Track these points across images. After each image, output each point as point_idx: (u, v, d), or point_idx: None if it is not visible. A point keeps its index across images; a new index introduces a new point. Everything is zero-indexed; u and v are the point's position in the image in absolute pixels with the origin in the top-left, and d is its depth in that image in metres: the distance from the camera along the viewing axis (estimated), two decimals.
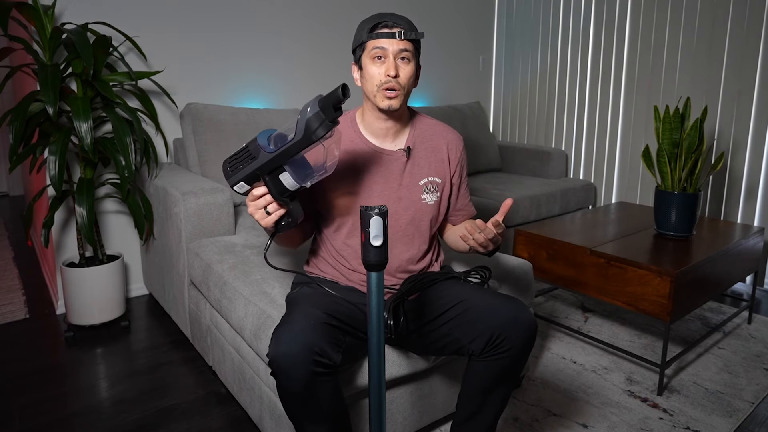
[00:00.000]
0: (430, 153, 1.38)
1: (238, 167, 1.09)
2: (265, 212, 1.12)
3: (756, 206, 2.79)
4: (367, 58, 1.26)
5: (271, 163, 1.04)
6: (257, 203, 1.11)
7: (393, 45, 1.23)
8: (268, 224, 1.13)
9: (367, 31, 1.25)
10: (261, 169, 1.06)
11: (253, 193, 1.11)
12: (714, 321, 2.41)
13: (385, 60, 1.24)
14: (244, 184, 1.11)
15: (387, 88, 1.24)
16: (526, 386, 1.87)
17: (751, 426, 1.69)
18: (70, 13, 2.30)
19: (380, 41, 1.23)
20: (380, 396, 0.98)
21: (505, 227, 1.23)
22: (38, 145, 2.06)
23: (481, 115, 3.69)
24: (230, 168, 1.11)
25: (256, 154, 1.05)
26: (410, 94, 1.31)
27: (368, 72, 1.26)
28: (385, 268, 0.95)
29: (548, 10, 3.65)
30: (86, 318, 2.21)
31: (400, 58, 1.24)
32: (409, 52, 1.24)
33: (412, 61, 1.26)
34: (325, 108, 0.98)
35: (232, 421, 1.68)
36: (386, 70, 1.23)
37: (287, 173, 1.05)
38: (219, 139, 2.41)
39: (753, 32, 2.69)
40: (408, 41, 1.24)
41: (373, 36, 1.24)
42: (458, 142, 1.43)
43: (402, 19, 1.25)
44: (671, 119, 2.07)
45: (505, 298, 1.25)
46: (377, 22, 1.24)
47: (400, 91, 1.25)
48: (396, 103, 1.26)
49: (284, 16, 2.93)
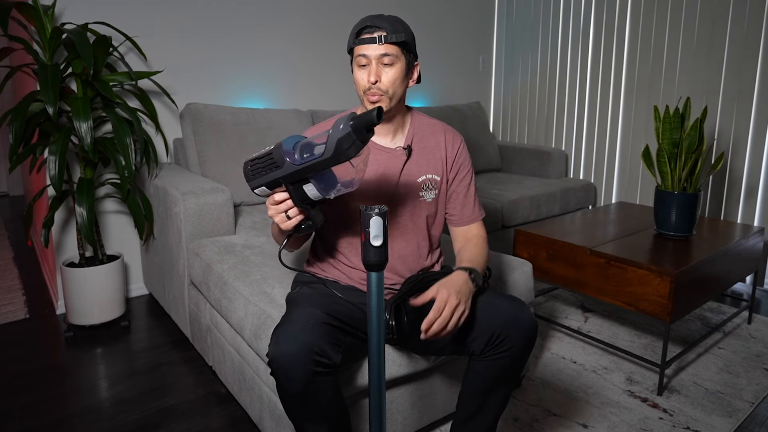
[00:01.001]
0: (429, 151, 1.39)
1: (260, 172, 1.07)
2: (286, 216, 1.12)
3: (756, 206, 2.79)
4: (355, 65, 1.28)
5: (296, 175, 1.03)
6: (278, 207, 1.11)
7: (374, 50, 1.24)
8: (287, 228, 1.13)
9: (353, 37, 1.27)
10: (285, 178, 1.04)
11: (274, 197, 1.10)
12: (714, 321, 2.41)
13: (368, 66, 1.25)
14: (265, 188, 1.09)
15: (369, 93, 1.26)
16: (526, 386, 1.87)
17: (751, 426, 1.69)
18: (70, 13, 2.30)
19: (362, 48, 1.25)
20: (380, 396, 0.98)
21: (456, 309, 1.14)
22: (38, 145, 2.06)
23: (481, 115, 3.69)
24: (251, 171, 1.09)
25: (281, 163, 1.03)
26: (402, 95, 1.30)
27: (355, 77, 1.29)
28: (385, 266, 0.94)
29: (548, 10, 3.65)
30: (86, 318, 2.21)
31: (382, 63, 1.25)
32: (391, 56, 1.24)
33: (397, 63, 1.25)
34: (357, 129, 0.96)
35: (232, 421, 1.68)
36: (368, 75, 1.25)
37: (312, 185, 1.04)
38: (219, 139, 2.41)
39: (753, 32, 2.69)
40: (391, 44, 1.24)
41: (357, 42, 1.26)
42: (456, 140, 1.43)
43: (386, 20, 1.25)
44: (671, 119, 2.07)
45: (506, 298, 1.25)
46: (361, 27, 1.25)
47: (383, 95, 1.26)
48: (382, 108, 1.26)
49: (284, 16, 2.92)
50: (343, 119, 0.97)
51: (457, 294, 1.16)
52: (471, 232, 1.43)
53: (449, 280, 1.20)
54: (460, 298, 1.16)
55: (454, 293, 1.15)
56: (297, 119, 2.68)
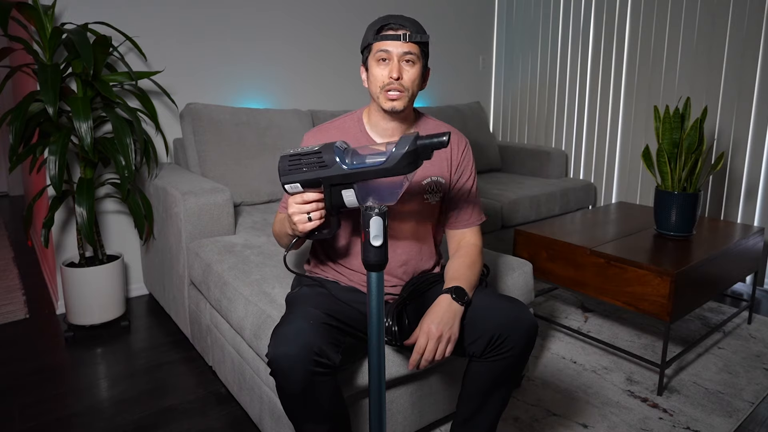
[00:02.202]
0: (434, 153, 1.38)
1: (300, 168, 1.05)
2: (307, 218, 1.11)
3: (756, 206, 2.79)
4: (373, 60, 1.26)
5: (343, 179, 1.01)
6: (303, 207, 1.10)
7: (397, 47, 1.23)
8: (303, 230, 1.12)
9: (373, 33, 1.25)
10: (329, 179, 1.03)
11: (304, 197, 1.09)
12: (714, 321, 2.41)
13: (390, 62, 1.24)
14: (298, 185, 1.07)
15: (389, 90, 1.24)
16: (526, 386, 1.87)
17: (751, 426, 1.69)
18: (70, 13, 2.30)
19: (385, 43, 1.23)
20: (380, 396, 0.98)
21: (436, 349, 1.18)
22: (38, 145, 2.06)
23: (481, 115, 3.70)
24: (290, 166, 1.06)
25: (330, 163, 1.02)
26: (416, 95, 1.30)
27: (373, 74, 1.26)
28: (386, 268, 0.94)
29: (548, 11, 3.65)
30: (86, 318, 2.21)
31: (404, 61, 1.24)
32: (414, 55, 1.24)
33: (417, 64, 1.25)
34: (424, 149, 0.98)
35: (232, 421, 1.68)
36: (390, 72, 1.23)
37: (352, 191, 1.03)
38: (219, 139, 2.41)
39: (753, 32, 2.69)
40: (413, 43, 1.23)
41: (378, 38, 1.24)
42: (461, 142, 1.42)
43: (409, 21, 1.25)
44: (671, 119, 2.07)
45: (506, 300, 1.25)
46: (383, 24, 1.24)
47: (404, 92, 1.25)
48: (399, 105, 1.26)
49: (284, 16, 2.92)
50: (411, 136, 0.98)
51: (438, 325, 1.18)
52: (465, 239, 1.41)
53: (431, 311, 1.21)
54: (442, 329, 1.18)
55: (435, 326, 1.18)
56: (297, 119, 2.68)
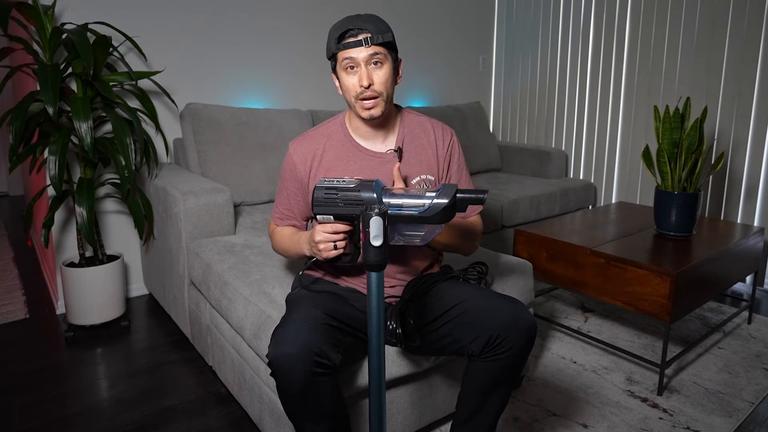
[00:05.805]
0: (420, 151, 1.37)
1: (336, 203, 1.07)
2: (333, 246, 1.13)
3: (756, 206, 2.79)
4: (341, 69, 1.25)
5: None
6: (331, 237, 1.12)
7: (362, 52, 1.21)
8: (327, 257, 1.14)
9: (335, 41, 1.23)
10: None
11: (335, 227, 1.12)
12: (714, 321, 2.41)
13: (357, 68, 1.22)
14: (331, 218, 1.10)
15: (363, 98, 1.23)
16: (526, 386, 1.87)
17: (751, 426, 1.69)
18: (70, 13, 2.30)
19: (348, 51, 1.21)
20: (380, 396, 0.98)
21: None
22: (38, 145, 2.06)
23: (481, 115, 3.69)
24: (326, 198, 1.08)
25: (368, 202, 1.04)
26: (392, 94, 1.28)
27: (344, 83, 1.26)
28: (386, 270, 0.95)
29: (548, 10, 3.65)
30: (86, 318, 2.21)
31: (372, 64, 1.22)
32: (380, 55, 1.22)
33: (385, 63, 1.24)
34: (462, 203, 1.01)
35: (232, 421, 1.68)
36: (359, 80, 1.22)
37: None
38: (219, 139, 2.41)
39: (753, 32, 2.69)
40: (378, 45, 1.22)
41: (341, 47, 1.22)
42: (446, 135, 1.40)
43: (368, 21, 1.22)
44: (671, 119, 2.07)
45: (505, 299, 1.25)
46: (343, 30, 1.22)
47: (378, 98, 1.24)
48: (377, 111, 1.25)
49: (284, 16, 2.92)
50: (450, 188, 1.00)
51: None
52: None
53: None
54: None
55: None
56: (297, 119, 2.68)
